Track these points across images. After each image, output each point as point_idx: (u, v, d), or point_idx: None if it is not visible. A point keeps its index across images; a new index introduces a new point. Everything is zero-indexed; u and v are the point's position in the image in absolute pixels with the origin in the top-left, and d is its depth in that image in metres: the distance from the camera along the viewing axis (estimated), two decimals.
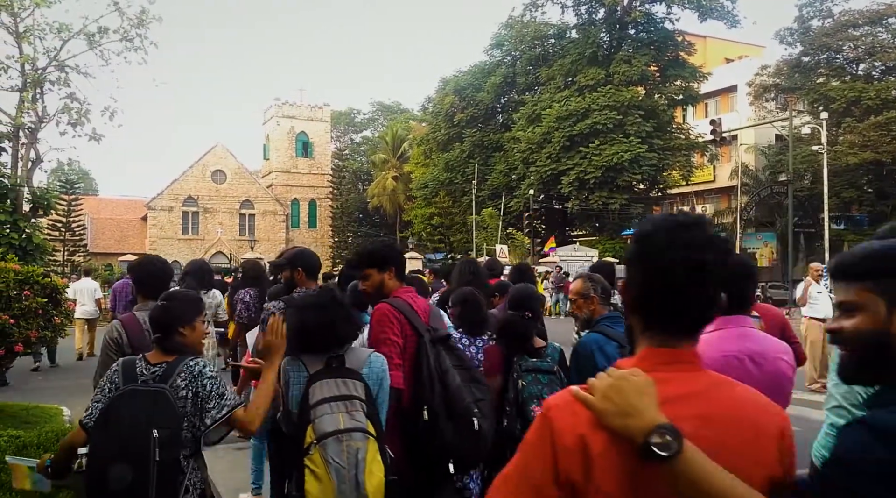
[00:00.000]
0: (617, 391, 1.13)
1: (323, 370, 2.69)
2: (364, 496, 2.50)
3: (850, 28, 33.71)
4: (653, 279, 1.22)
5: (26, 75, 18.50)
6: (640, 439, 1.09)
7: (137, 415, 2.39)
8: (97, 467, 2.33)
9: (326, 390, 2.64)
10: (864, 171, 31.78)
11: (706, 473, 1.08)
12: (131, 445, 2.34)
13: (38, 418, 7.31)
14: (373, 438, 2.61)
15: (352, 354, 2.80)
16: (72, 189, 40.31)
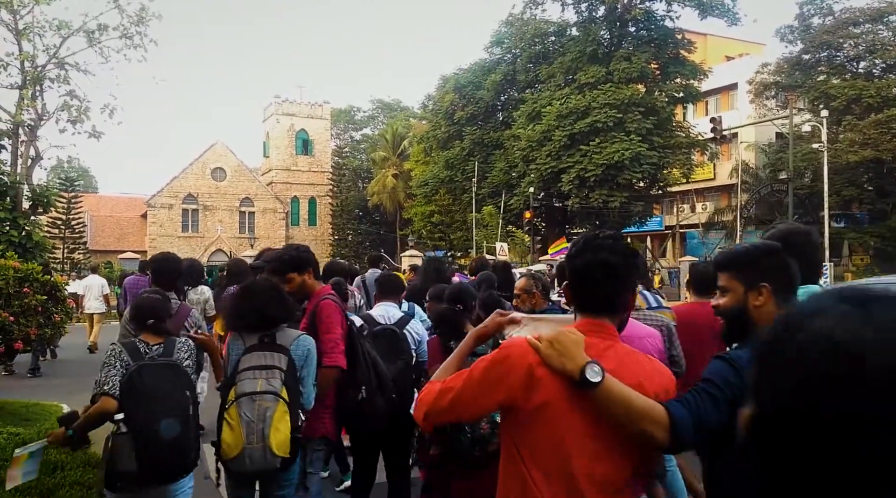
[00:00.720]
0: (559, 342, 1.67)
1: (255, 345, 3.27)
2: (268, 447, 3.05)
3: (851, 26, 33.66)
4: (573, 275, 1.82)
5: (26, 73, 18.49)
6: (576, 374, 1.62)
7: (163, 383, 3.00)
8: (145, 424, 2.88)
9: (254, 360, 3.22)
10: (864, 169, 31.75)
11: (622, 392, 1.62)
12: (172, 405, 2.98)
13: (38, 416, 7.31)
14: (283, 401, 3.16)
15: (283, 333, 3.38)
16: (71, 186, 40.33)
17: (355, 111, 68.32)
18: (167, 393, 3.01)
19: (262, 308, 3.33)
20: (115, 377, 3.00)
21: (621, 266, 1.77)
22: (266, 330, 3.30)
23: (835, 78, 33.62)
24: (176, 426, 2.94)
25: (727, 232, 36.48)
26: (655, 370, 1.81)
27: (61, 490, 4.12)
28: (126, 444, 2.89)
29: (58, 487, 4.18)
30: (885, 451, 0.70)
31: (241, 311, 3.37)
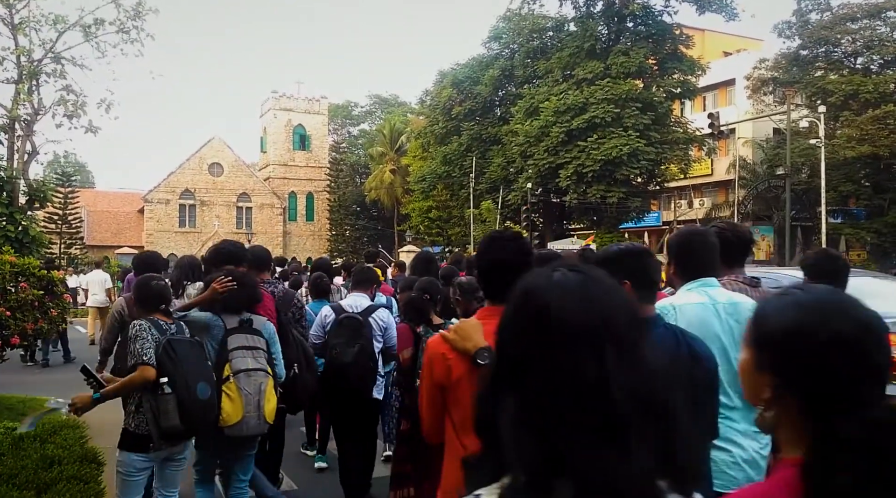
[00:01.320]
0: (461, 329, 2.15)
1: (237, 328, 3.86)
2: (262, 415, 3.71)
3: (849, 21, 33.65)
4: (479, 272, 2.30)
5: (22, 67, 18.40)
6: (472, 354, 2.07)
7: (190, 354, 3.51)
8: (184, 387, 3.36)
9: (241, 341, 3.79)
10: (861, 165, 31.79)
11: None
12: (202, 372, 3.51)
13: (33, 410, 7.31)
14: (271, 376, 3.84)
15: (255, 319, 3.99)
16: (68, 182, 40.23)
17: (353, 106, 68.19)
18: (195, 362, 3.52)
19: (252, 294, 3.98)
20: (150, 349, 3.37)
21: (517, 263, 2.17)
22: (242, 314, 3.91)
23: (832, 74, 33.63)
24: (207, 389, 3.47)
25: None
26: None
27: (59, 484, 4.12)
28: (170, 403, 3.32)
29: (55, 480, 4.18)
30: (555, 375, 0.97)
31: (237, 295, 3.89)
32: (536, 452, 0.94)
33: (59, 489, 4.03)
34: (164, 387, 3.32)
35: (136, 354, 3.36)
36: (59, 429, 5.32)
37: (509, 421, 0.98)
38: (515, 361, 1.02)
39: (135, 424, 3.43)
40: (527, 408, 0.97)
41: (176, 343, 3.47)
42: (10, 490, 3.97)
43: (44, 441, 4.98)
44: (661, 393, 1.00)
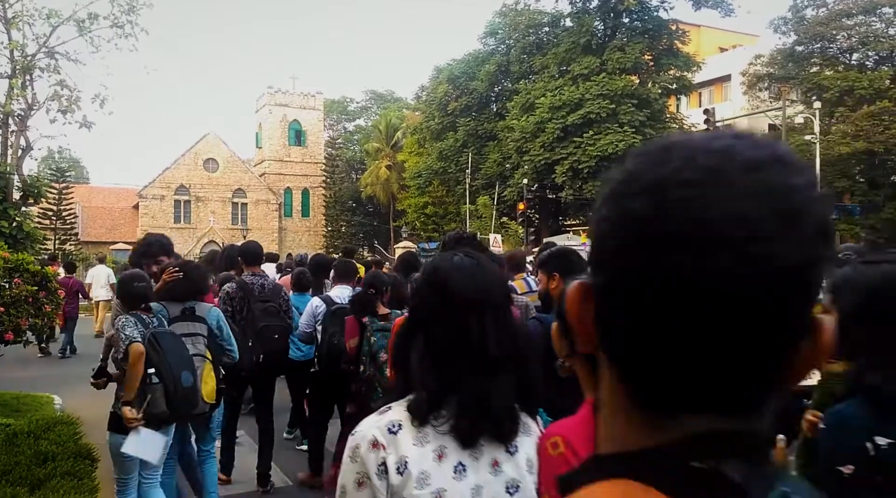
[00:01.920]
0: None
1: (179, 315, 4.15)
2: (200, 397, 3.94)
3: (844, 17, 33.68)
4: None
5: (15, 62, 18.31)
6: None
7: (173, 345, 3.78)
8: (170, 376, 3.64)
9: (181, 328, 4.06)
10: (856, 161, 31.86)
11: None
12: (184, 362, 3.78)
13: (29, 407, 7.29)
14: (208, 360, 4.11)
15: (200, 306, 4.29)
16: (62, 177, 40.04)
17: (348, 102, 68.05)
18: (178, 352, 3.79)
19: (193, 285, 4.29)
20: (137, 335, 3.67)
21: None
22: (186, 302, 4.22)
23: (828, 69, 33.67)
24: (190, 377, 3.78)
25: None
26: None
27: (52, 480, 4.11)
28: (158, 391, 3.62)
29: (49, 477, 4.16)
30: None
31: (179, 285, 4.21)
32: (435, 378, 1.42)
33: (53, 485, 4.02)
34: (152, 377, 3.63)
35: (127, 338, 3.64)
36: (53, 425, 5.31)
37: (417, 358, 1.45)
38: (424, 317, 1.50)
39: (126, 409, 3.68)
40: (430, 349, 1.45)
41: (160, 336, 3.77)
42: (3, 487, 3.96)
43: (37, 437, 4.96)
44: (520, 345, 1.49)
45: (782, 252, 0.49)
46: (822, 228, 0.51)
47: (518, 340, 1.49)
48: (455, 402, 1.39)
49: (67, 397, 8.10)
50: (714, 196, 0.49)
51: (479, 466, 1.41)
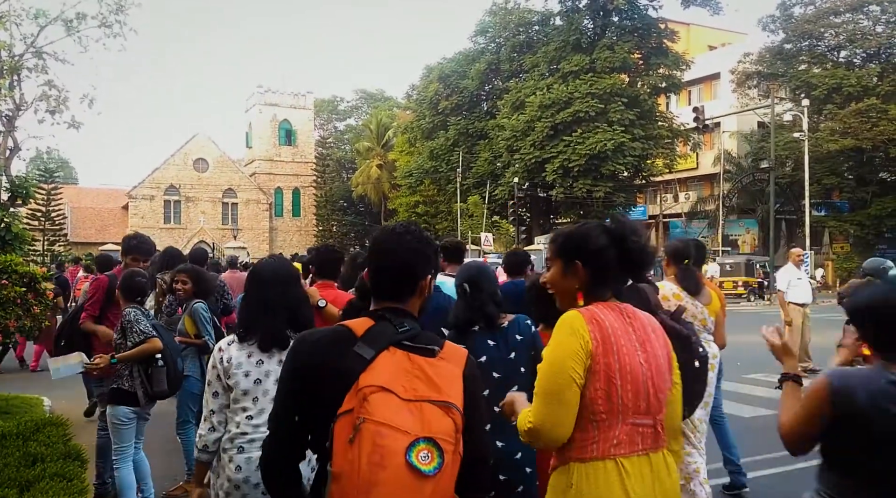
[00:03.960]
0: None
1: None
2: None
3: (832, 15, 33.92)
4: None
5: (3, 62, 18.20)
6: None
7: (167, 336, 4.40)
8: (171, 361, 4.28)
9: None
10: (844, 158, 32.11)
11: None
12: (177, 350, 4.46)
13: (18, 408, 7.23)
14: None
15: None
16: (51, 178, 39.77)
17: (339, 101, 67.94)
18: (173, 343, 4.44)
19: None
20: (151, 330, 4.21)
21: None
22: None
23: (816, 67, 33.91)
24: (181, 362, 4.50)
25: (710, 221, 36.78)
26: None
27: (41, 482, 4.08)
28: (162, 373, 4.24)
29: (38, 478, 4.14)
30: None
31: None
32: (248, 321, 2.66)
33: (43, 487, 3.99)
34: (158, 361, 4.23)
35: (142, 332, 4.18)
36: (43, 426, 5.27)
37: (243, 311, 2.77)
38: (249, 290, 2.77)
39: (127, 385, 4.22)
40: (248, 306, 2.71)
41: (159, 329, 4.34)
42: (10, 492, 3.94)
43: (26, 439, 4.93)
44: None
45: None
46: None
47: (292, 299, 2.69)
48: (259, 331, 2.58)
49: (57, 399, 8.05)
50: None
51: (271, 361, 2.57)
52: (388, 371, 1.56)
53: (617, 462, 1.90)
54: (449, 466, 1.50)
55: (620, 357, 1.92)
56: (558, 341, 1.93)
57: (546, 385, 1.91)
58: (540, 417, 1.91)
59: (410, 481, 1.45)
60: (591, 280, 2.02)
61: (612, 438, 1.91)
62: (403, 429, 1.47)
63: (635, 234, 2.06)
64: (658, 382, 1.97)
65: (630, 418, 1.92)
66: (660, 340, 2.04)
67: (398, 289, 1.75)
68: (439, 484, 1.48)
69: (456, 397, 1.58)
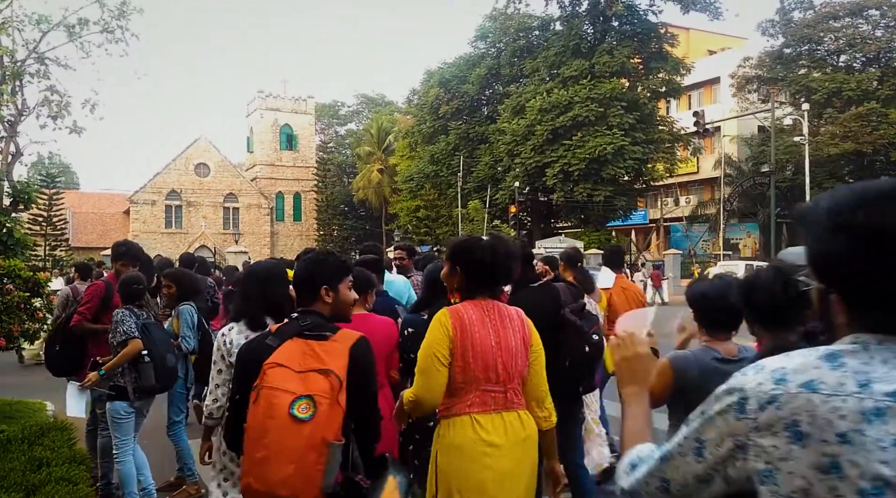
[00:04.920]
0: None
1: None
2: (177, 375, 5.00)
3: (832, 20, 33.97)
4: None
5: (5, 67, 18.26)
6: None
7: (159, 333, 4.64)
8: (159, 357, 4.48)
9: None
10: (845, 162, 32.12)
11: None
12: (168, 346, 4.65)
13: (21, 413, 7.25)
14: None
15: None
16: (53, 183, 39.81)
17: (340, 106, 68.04)
18: (163, 339, 4.63)
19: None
20: (134, 330, 4.40)
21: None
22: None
23: (816, 71, 33.94)
24: (172, 359, 4.64)
25: (710, 225, 36.78)
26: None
27: (47, 486, 4.10)
28: (149, 369, 4.42)
29: (43, 482, 4.16)
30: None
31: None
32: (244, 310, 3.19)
33: (48, 491, 4.01)
34: (144, 357, 4.42)
35: (124, 333, 4.38)
36: (47, 431, 5.30)
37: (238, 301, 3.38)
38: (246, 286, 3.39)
39: (122, 381, 4.43)
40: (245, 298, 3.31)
41: (150, 326, 4.57)
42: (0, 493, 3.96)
43: (31, 443, 4.96)
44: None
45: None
46: None
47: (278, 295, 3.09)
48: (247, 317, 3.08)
49: (60, 403, 8.07)
50: None
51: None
52: (286, 353, 2.28)
53: (471, 417, 2.60)
54: (324, 413, 2.13)
55: (474, 342, 2.60)
56: (431, 332, 2.63)
57: (421, 364, 2.60)
58: (417, 388, 2.61)
59: (291, 426, 2.11)
60: (466, 283, 2.74)
61: (467, 401, 2.61)
62: (290, 390, 2.16)
63: (503, 248, 2.78)
64: (507, 359, 2.62)
65: (482, 386, 2.60)
66: (515, 328, 2.69)
67: (304, 297, 2.50)
68: (316, 426, 2.11)
69: (337, 367, 2.22)
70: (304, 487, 2.11)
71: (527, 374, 2.70)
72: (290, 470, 2.10)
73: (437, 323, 2.62)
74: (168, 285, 5.29)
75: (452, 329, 2.59)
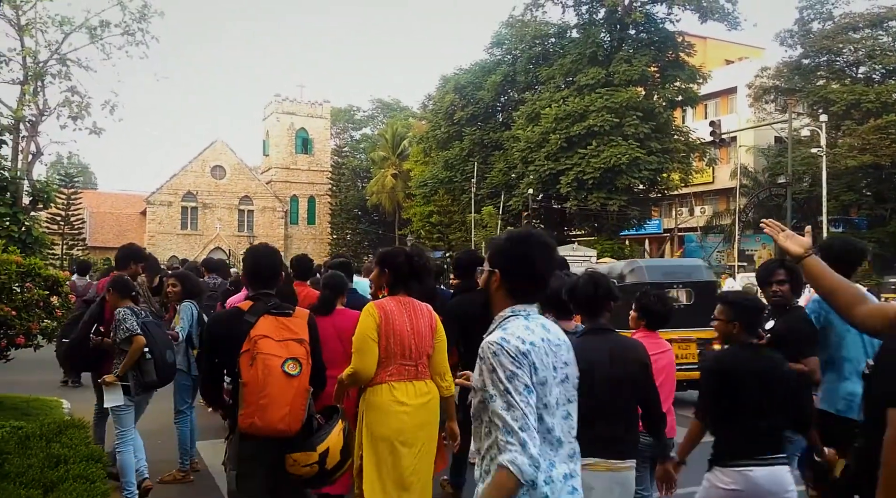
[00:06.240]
0: None
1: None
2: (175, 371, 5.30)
3: (851, 31, 33.73)
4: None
5: (27, 68, 18.50)
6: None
7: (158, 330, 4.95)
8: (159, 354, 4.81)
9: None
10: (863, 175, 31.81)
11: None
12: (167, 343, 4.97)
13: (39, 410, 7.34)
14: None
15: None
16: (71, 183, 40.29)
17: (355, 111, 68.33)
18: (162, 336, 4.94)
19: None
20: (136, 326, 4.71)
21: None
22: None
23: (834, 83, 33.69)
24: (172, 355, 4.98)
25: (725, 235, 36.53)
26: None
27: (65, 483, 4.14)
28: (150, 365, 4.76)
29: (61, 479, 4.20)
30: None
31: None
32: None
33: (66, 488, 4.04)
34: (146, 354, 4.73)
35: (127, 330, 4.69)
36: (65, 428, 5.34)
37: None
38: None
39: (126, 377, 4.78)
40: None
41: (149, 324, 4.87)
42: (17, 488, 3.99)
43: (49, 440, 4.99)
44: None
45: None
46: None
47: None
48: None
49: (75, 401, 8.16)
50: None
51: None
52: (266, 327, 3.10)
53: (389, 384, 3.45)
54: (305, 371, 3.11)
55: (394, 327, 3.43)
56: (363, 319, 3.47)
57: (357, 345, 3.41)
58: (355, 363, 3.42)
59: (284, 380, 3.04)
60: (392, 282, 3.62)
61: (387, 372, 3.44)
62: (278, 355, 3.05)
63: (419, 257, 3.70)
64: (418, 341, 3.48)
65: (398, 361, 3.44)
66: (425, 319, 3.55)
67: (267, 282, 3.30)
68: (301, 380, 3.10)
69: (304, 335, 3.18)
70: (292, 423, 3.06)
71: (432, 353, 3.56)
72: (286, 411, 3.03)
73: (367, 313, 3.45)
74: (174, 284, 5.82)
75: (379, 318, 3.43)
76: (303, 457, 3.09)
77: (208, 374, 3.33)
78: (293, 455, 3.08)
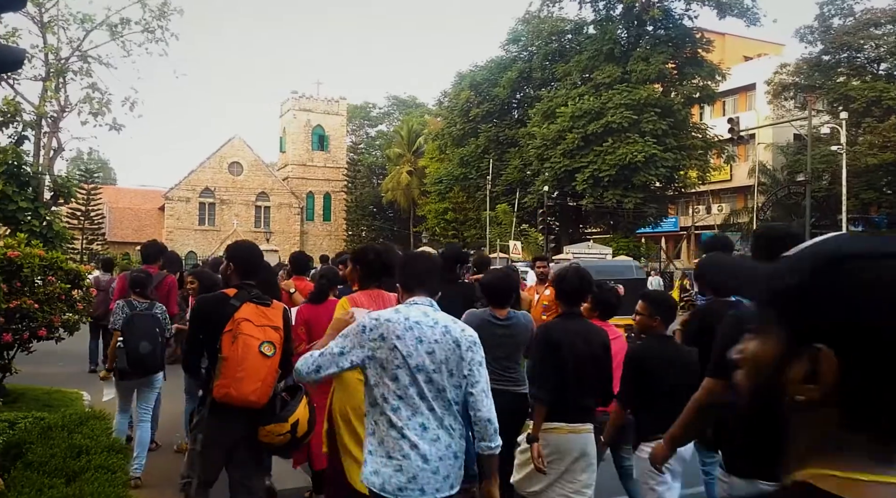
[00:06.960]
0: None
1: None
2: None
3: (872, 27, 33.25)
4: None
5: (49, 65, 18.74)
6: None
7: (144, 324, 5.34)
8: (132, 344, 5.22)
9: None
10: (883, 173, 31.37)
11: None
12: (148, 336, 5.31)
13: (60, 402, 7.46)
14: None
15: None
16: (91, 178, 40.79)
17: (371, 107, 68.49)
18: (146, 329, 5.33)
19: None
20: (120, 319, 5.29)
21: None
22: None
23: (855, 79, 33.23)
24: (148, 346, 5.31)
25: (742, 234, 36.23)
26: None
27: (86, 473, 4.22)
28: (122, 354, 5.27)
29: (83, 469, 4.28)
30: None
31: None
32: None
33: (88, 477, 4.13)
34: (120, 344, 5.29)
35: (113, 324, 5.36)
36: (86, 419, 5.44)
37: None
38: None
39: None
40: None
41: (137, 317, 5.34)
42: (40, 477, 4.08)
43: (71, 431, 5.09)
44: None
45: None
46: None
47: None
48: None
49: (96, 393, 8.28)
50: None
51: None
52: (248, 312, 3.57)
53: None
54: (277, 353, 3.59)
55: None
56: (336, 311, 3.72)
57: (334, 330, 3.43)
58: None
59: (261, 360, 3.51)
60: (362, 277, 3.94)
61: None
62: (256, 337, 3.53)
63: (389, 253, 3.99)
64: None
65: None
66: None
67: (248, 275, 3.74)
68: (274, 360, 3.57)
69: (279, 324, 3.66)
70: (262, 397, 3.52)
71: None
72: (258, 385, 3.50)
73: (339, 306, 3.81)
74: (192, 281, 6.21)
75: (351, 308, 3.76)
76: (276, 428, 3.56)
77: (191, 347, 3.82)
78: (267, 427, 3.55)
